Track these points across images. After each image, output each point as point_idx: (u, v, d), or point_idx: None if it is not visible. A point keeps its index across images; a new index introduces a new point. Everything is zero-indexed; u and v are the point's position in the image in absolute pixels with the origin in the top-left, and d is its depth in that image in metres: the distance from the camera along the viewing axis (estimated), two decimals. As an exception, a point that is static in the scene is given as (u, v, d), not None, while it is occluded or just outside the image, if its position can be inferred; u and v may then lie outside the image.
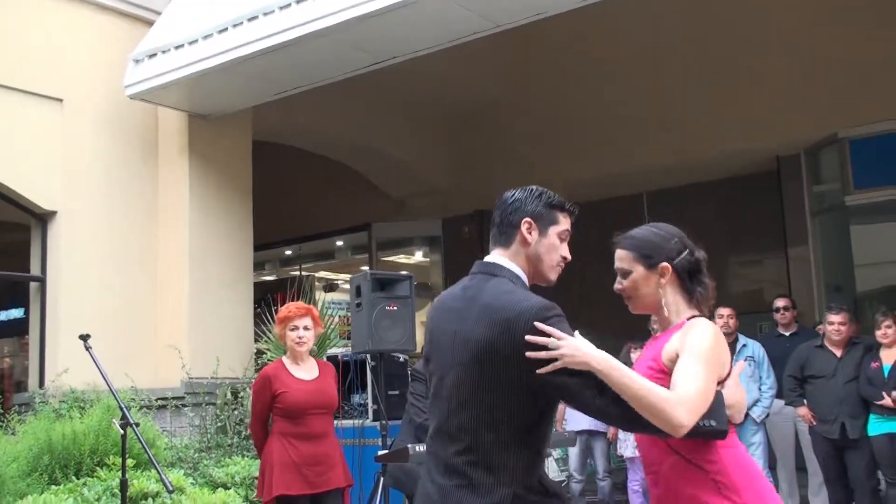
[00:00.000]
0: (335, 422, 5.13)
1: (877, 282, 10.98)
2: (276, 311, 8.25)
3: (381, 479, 6.64)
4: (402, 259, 15.51)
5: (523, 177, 13.47)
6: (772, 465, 7.74)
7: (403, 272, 7.84)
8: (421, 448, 4.69)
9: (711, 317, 2.84)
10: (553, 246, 2.64)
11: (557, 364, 2.32)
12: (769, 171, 11.49)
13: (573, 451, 8.37)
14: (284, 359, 4.94)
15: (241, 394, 7.98)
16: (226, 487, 5.58)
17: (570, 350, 2.32)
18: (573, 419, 8.37)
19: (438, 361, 2.60)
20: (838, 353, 6.99)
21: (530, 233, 2.62)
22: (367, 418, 7.71)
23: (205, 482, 5.74)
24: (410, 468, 4.97)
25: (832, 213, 11.00)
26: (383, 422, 7.15)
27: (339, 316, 9.89)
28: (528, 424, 2.43)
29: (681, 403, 2.29)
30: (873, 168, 10.34)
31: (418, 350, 8.75)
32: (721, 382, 2.55)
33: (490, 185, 13.10)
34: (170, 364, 8.10)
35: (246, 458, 6.26)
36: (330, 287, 15.85)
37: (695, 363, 2.42)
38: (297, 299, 7.71)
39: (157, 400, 7.67)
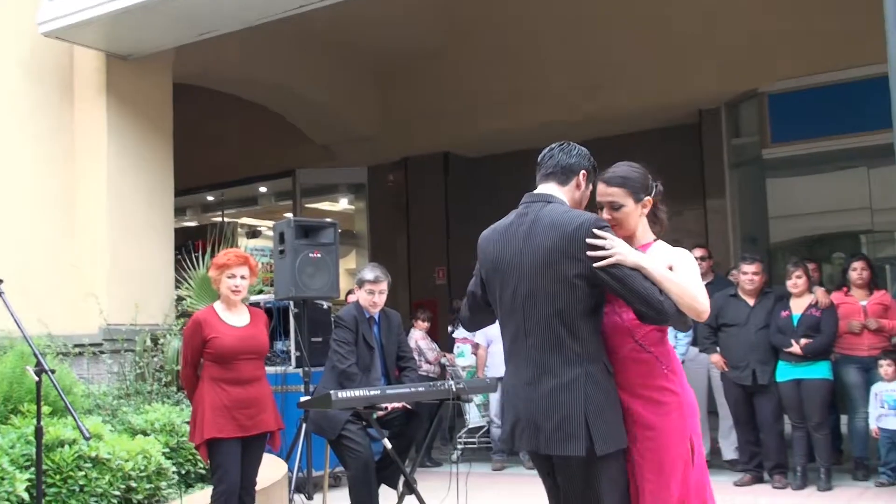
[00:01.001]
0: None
1: (790, 233, 11.32)
2: (199, 258, 8.27)
3: (304, 425, 6.68)
4: (326, 206, 15.43)
5: (451, 127, 13.51)
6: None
7: (328, 219, 7.81)
8: (343, 394, 4.72)
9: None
10: (586, 198, 3.25)
11: (611, 260, 2.92)
12: (691, 125, 11.70)
13: (494, 397, 8.51)
14: (216, 305, 4.91)
15: (161, 340, 7.89)
16: (145, 434, 5.52)
17: (622, 250, 2.94)
18: (494, 366, 8.50)
19: (507, 280, 3.12)
20: (751, 302, 7.21)
21: (583, 181, 3.23)
22: (290, 365, 7.71)
23: (124, 429, 5.67)
24: (333, 414, 5.00)
25: (749, 167, 11.27)
26: (306, 368, 7.16)
27: (263, 263, 9.79)
28: (589, 312, 3.00)
29: (706, 299, 3.02)
30: (790, 123, 10.60)
31: (342, 297, 8.80)
32: None
33: (417, 134, 13.10)
34: (87, 310, 7.95)
35: (166, 405, 6.20)
36: (253, 234, 15.72)
37: (695, 274, 3.10)
38: (220, 246, 7.63)
39: (73, 347, 7.53)
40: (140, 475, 4.88)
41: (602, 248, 2.94)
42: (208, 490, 5.08)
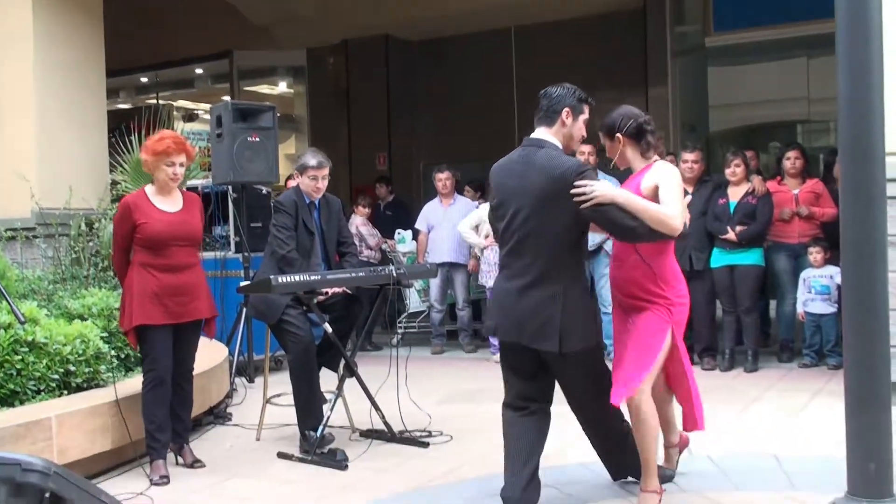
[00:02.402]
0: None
1: (729, 123, 11.43)
2: (136, 141, 8.06)
3: (244, 310, 6.69)
4: (265, 90, 15.07)
5: (391, 8, 13.15)
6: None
7: (266, 103, 7.65)
8: (283, 279, 4.71)
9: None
10: (579, 128, 3.83)
11: (593, 202, 3.54)
12: (636, 10, 11.58)
13: (434, 283, 8.59)
14: (148, 188, 4.76)
15: (97, 225, 7.75)
16: (83, 319, 5.47)
17: (600, 191, 3.55)
18: (435, 252, 8.55)
19: (508, 206, 3.75)
20: (690, 189, 7.29)
21: (567, 118, 3.78)
22: (230, 250, 7.66)
23: (60, 314, 5.61)
24: (273, 299, 5.00)
25: (692, 55, 11.25)
26: (246, 254, 7.13)
27: (200, 147, 9.60)
28: (574, 240, 3.70)
29: (674, 216, 3.60)
30: (733, 11, 10.57)
31: (281, 182, 8.71)
32: None
33: (357, 14, 12.76)
34: (18, 193, 7.73)
35: (103, 290, 6.12)
36: (189, 117, 15.32)
37: (673, 191, 3.69)
38: (155, 129, 7.42)
39: (5, 231, 7.37)
40: (78, 359, 4.85)
41: (584, 192, 3.55)
42: (148, 374, 5.09)
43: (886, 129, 2.65)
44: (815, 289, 7.08)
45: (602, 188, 3.58)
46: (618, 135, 3.89)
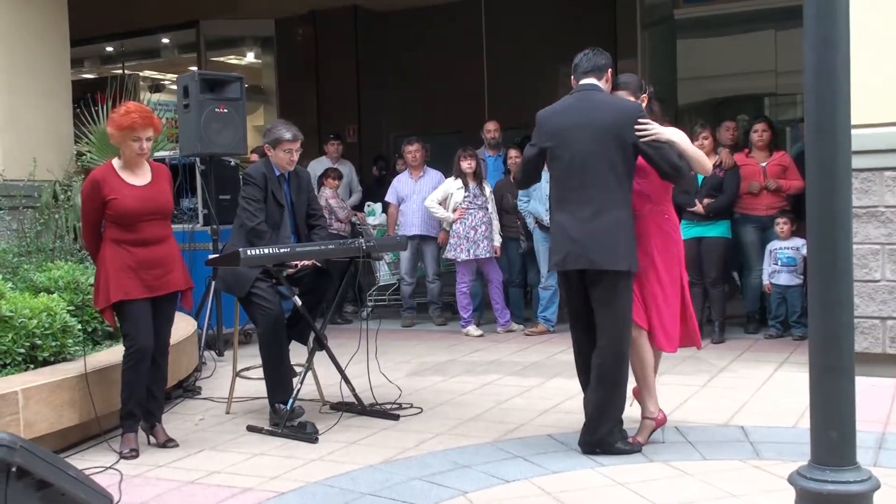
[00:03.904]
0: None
1: (698, 95, 11.47)
2: (102, 112, 7.93)
3: (213, 283, 6.65)
4: (232, 60, 14.90)
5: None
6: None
7: (234, 73, 7.56)
8: (252, 252, 4.68)
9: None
10: (609, 89, 4.40)
11: (652, 136, 4.10)
12: (605, -19, 11.58)
13: (404, 255, 8.59)
14: (115, 162, 4.65)
15: (62, 197, 7.65)
16: (49, 292, 5.41)
17: (659, 130, 4.14)
18: (405, 225, 8.54)
19: (570, 143, 4.21)
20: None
21: (610, 76, 4.39)
22: (198, 223, 7.60)
23: (25, 287, 5.54)
24: (242, 272, 4.97)
25: (661, 26, 11.26)
26: (214, 226, 7.08)
27: (167, 118, 9.50)
28: (629, 171, 4.19)
29: (707, 160, 4.46)
30: (703, -18, 10.58)
31: (249, 154, 8.63)
32: None
33: (325, -17, 12.64)
34: (-20, 166, 7.62)
35: (70, 263, 6.05)
36: (156, 88, 15.12)
37: (690, 144, 4.32)
38: (121, 99, 7.31)
39: (-32, 203, 7.26)
40: (45, 333, 4.80)
41: (645, 129, 4.10)
42: (117, 348, 5.05)
43: (853, 102, 2.67)
44: (782, 260, 7.16)
45: (659, 128, 4.14)
46: (642, 94, 4.43)
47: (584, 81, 4.33)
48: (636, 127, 4.11)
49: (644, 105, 4.35)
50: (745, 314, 7.71)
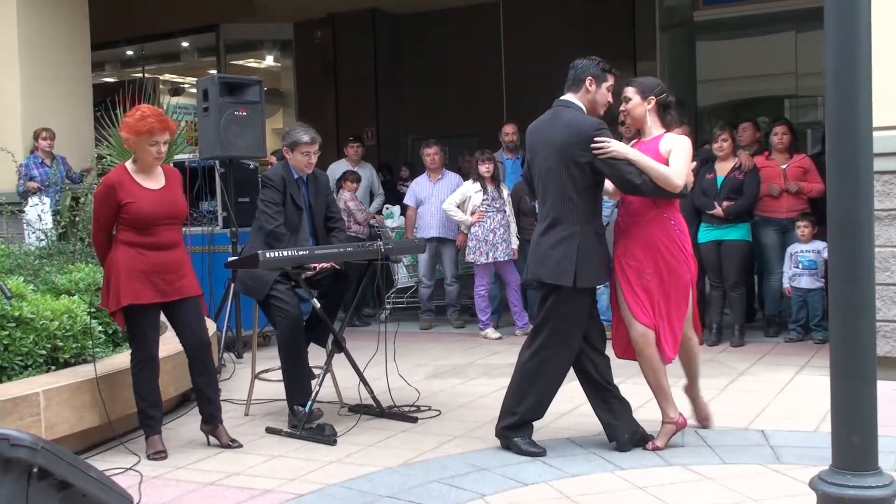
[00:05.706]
0: (183, 229, 5.00)
1: (717, 97, 11.42)
2: (123, 115, 7.96)
3: (231, 285, 6.67)
4: (252, 63, 14.98)
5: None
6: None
7: (253, 77, 7.59)
8: (271, 254, 4.70)
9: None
10: (602, 94, 4.36)
11: (608, 154, 4.12)
12: (624, -16, 11.55)
13: (423, 258, 8.58)
14: (129, 165, 4.65)
15: (83, 200, 7.70)
16: (70, 294, 5.45)
17: (615, 148, 4.14)
18: (423, 227, 8.54)
19: (536, 160, 4.39)
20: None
21: (591, 86, 4.33)
22: (217, 225, 7.63)
23: (47, 289, 5.58)
24: (261, 275, 4.98)
25: (680, 29, 11.22)
26: (233, 229, 7.11)
27: (186, 121, 9.53)
28: (588, 187, 4.25)
29: (677, 175, 4.17)
30: (723, -15, 10.53)
31: (268, 157, 8.66)
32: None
33: (344, -13, 12.67)
34: (3, 167, 7.69)
35: (90, 265, 6.09)
36: (176, 91, 15.22)
37: (681, 156, 4.24)
38: (141, 103, 7.35)
39: (-9, 206, 7.32)
40: (66, 335, 4.83)
41: (601, 147, 4.13)
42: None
43: (874, 103, 2.65)
44: (802, 263, 7.11)
45: (617, 145, 4.15)
46: (651, 97, 4.39)
47: (562, 98, 4.41)
48: (592, 144, 4.14)
49: (650, 108, 4.38)
50: (765, 317, 7.66)
